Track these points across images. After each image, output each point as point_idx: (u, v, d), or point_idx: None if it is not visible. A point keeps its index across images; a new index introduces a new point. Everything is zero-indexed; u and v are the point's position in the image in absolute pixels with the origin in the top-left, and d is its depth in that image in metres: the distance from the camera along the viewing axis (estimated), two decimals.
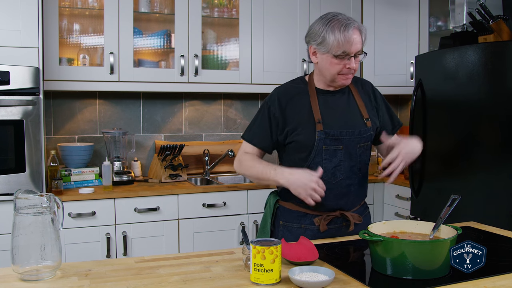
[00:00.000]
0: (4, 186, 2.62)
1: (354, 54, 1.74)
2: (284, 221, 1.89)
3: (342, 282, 1.32)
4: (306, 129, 1.80)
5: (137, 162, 3.44)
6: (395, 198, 3.47)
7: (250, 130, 1.92)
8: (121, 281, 1.33)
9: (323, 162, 1.80)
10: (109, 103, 3.47)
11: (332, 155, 1.80)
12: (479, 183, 2.69)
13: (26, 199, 1.34)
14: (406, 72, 3.65)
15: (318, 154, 1.79)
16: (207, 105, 3.73)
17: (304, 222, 1.86)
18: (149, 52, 3.39)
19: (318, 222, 1.83)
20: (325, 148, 1.79)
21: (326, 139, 1.79)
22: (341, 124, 1.82)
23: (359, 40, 1.74)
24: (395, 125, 2.01)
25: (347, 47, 1.71)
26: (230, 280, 1.34)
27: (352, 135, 1.82)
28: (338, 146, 1.80)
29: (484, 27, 2.88)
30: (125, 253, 2.89)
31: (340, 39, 1.70)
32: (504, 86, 2.57)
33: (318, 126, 1.79)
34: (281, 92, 1.88)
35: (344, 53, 1.72)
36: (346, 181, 1.83)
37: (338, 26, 1.71)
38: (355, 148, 1.84)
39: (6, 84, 2.60)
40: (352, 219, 1.85)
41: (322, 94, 1.86)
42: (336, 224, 1.86)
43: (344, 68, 1.76)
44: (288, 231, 1.88)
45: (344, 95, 1.88)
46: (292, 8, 3.54)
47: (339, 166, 1.81)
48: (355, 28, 1.72)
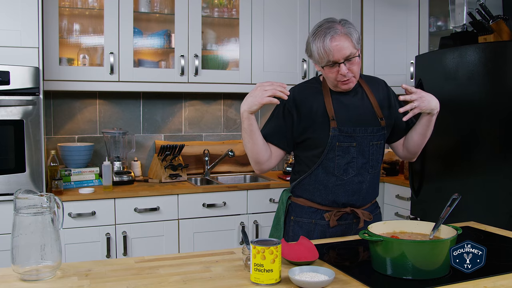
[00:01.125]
0: (4, 186, 2.62)
1: (343, 60, 1.73)
2: (295, 216, 1.93)
3: (342, 282, 1.32)
4: (320, 126, 1.83)
5: (137, 162, 3.44)
6: (395, 198, 3.47)
7: (265, 127, 1.93)
8: (121, 281, 1.33)
9: (336, 158, 1.83)
10: (109, 103, 3.47)
11: (345, 151, 1.83)
12: (479, 183, 2.69)
13: (26, 199, 1.34)
14: (406, 72, 3.65)
15: (331, 150, 1.82)
16: (207, 105, 3.73)
17: (315, 218, 1.89)
18: (149, 52, 3.39)
19: (328, 218, 1.86)
20: (338, 144, 1.82)
21: (340, 136, 1.81)
22: (354, 121, 1.85)
23: (346, 46, 1.72)
24: (409, 123, 2.02)
25: (329, 57, 1.73)
26: (230, 280, 1.34)
27: (365, 132, 1.84)
28: (351, 143, 1.83)
29: (484, 27, 2.88)
30: (125, 253, 2.89)
31: (320, 51, 1.73)
32: (504, 86, 2.57)
33: (332, 123, 1.81)
34: (296, 91, 1.91)
35: (329, 62, 1.74)
36: (358, 178, 1.85)
37: (319, 37, 1.73)
38: (368, 146, 1.86)
39: (6, 84, 2.60)
40: (362, 216, 1.87)
41: (335, 93, 1.88)
42: (346, 220, 1.89)
43: (338, 74, 1.77)
44: (299, 226, 1.91)
45: (357, 94, 1.91)
46: (292, 8, 3.54)
47: (351, 162, 1.84)
48: (333, 37, 1.71)
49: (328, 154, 1.82)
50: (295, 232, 1.91)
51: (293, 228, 1.93)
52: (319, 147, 1.84)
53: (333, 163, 1.83)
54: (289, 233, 1.94)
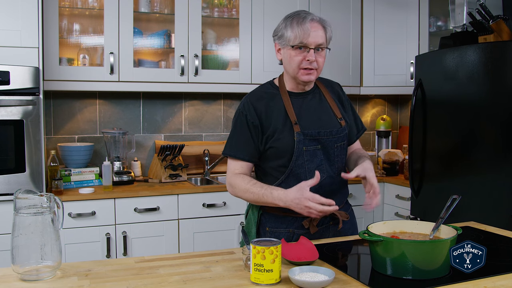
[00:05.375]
0: (4, 186, 2.62)
1: (314, 47, 1.74)
2: (271, 227, 1.84)
3: (342, 282, 1.32)
4: (284, 132, 1.78)
5: (137, 162, 3.44)
6: (395, 198, 3.47)
7: (231, 145, 1.84)
8: (121, 281, 1.33)
9: (306, 163, 1.78)
10: (109, 103, 3.47)
11: (313, 155, 1.79)
12: (479, 183, 2.69)
13: (26, 199, 1.34)
14: (406, 72, 3.65)
15: (299, 156, 1.77)
16: (207, 105, 3.73)
17: (292, 227, 1.82)
18: (149, 52, 3.39)
19: (308, 225, 1.79)
20: (305, 149, 1.78)
21: (305, 140, 1.77)
22: (317, 124, 1.82)
23: (320, 34, 1.75)
24: (359, 129, 2.00)
25: (304, 37, 1.73)
26: (230, 280, 1.34)
27: (330, 135, 1.82)
28: (316, 146, 1.80)
29: (484, 27, 2.88)
30: (125, 253, 2.89)
31: (297, 30, 1.74)
32: (504, 86, 2.57)
33: (295, 127, 1.77)
34: (253, 99, 1.84)
35: (301, 44, 1.74)
36: (329, 180, 1.82)
37: (296, 19, 1.76)
38: (333, 148, 1.83)
39: (6, 84, 2.60)
40: (340, 216, 1.83)
41: (294, 96, 1.85)
42: (323, 224, 1.84)
43: (304, 60, 1.75)
44: (276, 237, 1.81)
45: (315, 96, 1.89)
46: (292, 8, 3.49)
47: (321, 166, 1.80)
48: (313, 20, 1.75)
49: (296, 161, 1.77)
50: None
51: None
52: (285, 155, 1.79)
53: (304, 169, 1.78)
54: None
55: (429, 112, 3.03)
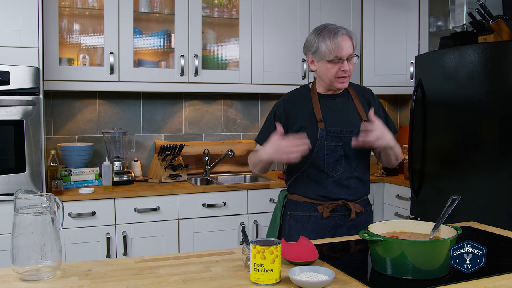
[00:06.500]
0: (4, 186, 2.62)
1: (346, 57, 1.94)
2: (291, 211, 2.09)
3: (342, 282, 1.32)
4: (309, 128, 1.99)
5: (137, 162, 3.44)
6: (395, 198, 3.47)
7: (259, 133, 2.16)
8: (121, 281, 1.33)
9: (325, 156, 1.99)
10: (109, 103, 3.47)
11: (333, 150, 1.99)
12: (479, 183, 2.69)
13: (26, 199, 1.34)
14: (406, 72, 3.65)
15: (320, 149, 1.98)
16: (207, 105, 3.73)
17: (309, 211, 2.04)
18: (149, 52, 3.39)
19: (322, 210, 2.00)
20: (326, 144, 1.98)
21: (327, 136, 1.98)
22: (341, 123, 2.01)
23: (349, 45, 1.94)
24: (392, 132, 2.07)
25: (338, 52, 1.92)
26: (230, 280, 1.34)
27: (352, 133, 1.98)
28: (338, 142, 1.99)
29: (484, 27, 2.88)
30: (125, 253, 2.89)
31: (330, 46, 1.92)
32: (504, 86, 2.57)
33: (320, 124, 1.98)
34: (285, 99, 2.13)
35: (337, 57, 1.93)
36: (346, 174, 2.01)
37: (328, 34, 1.93)
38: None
39: (6, 84, 2.60)
40: (354, 208, 2.01)
41: (323, 98, 2.06)
42: (338, 212, 2.02)
43: (339, 71, 1.95)
44: (294, 220, 2.06)
45: (343, 98, 2.07)
46: (292, 8, 3.54)
47: (339, 160, 2.00)
48: (343, 34, 1.93)
49: (317, 153, 1.98)
50: (290, 226, 2.07)
51: (288, 223, 2.09)
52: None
53: (323, 161, 1.99)
54: (285, 227, 2.10)
55: (429, 112, 3.04)
